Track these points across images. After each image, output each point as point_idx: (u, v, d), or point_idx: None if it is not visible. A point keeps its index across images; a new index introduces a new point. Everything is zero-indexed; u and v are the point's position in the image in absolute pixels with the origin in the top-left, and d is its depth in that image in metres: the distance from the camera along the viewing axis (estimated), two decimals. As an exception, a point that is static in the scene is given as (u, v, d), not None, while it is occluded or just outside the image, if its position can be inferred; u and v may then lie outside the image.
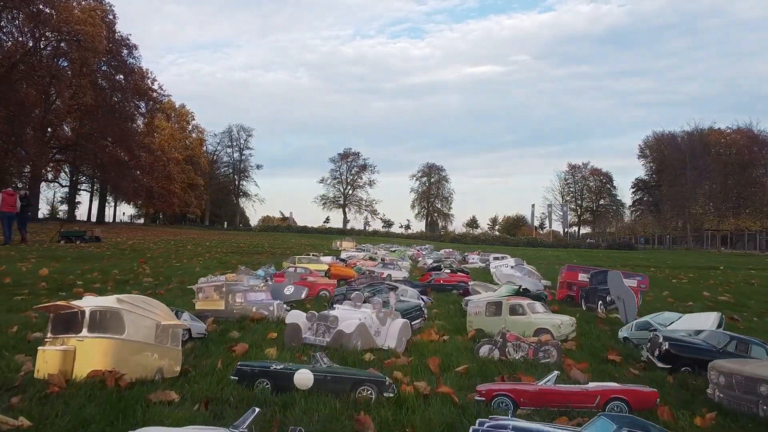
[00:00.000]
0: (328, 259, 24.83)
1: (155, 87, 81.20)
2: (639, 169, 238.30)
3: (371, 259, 26.12)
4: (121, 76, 70.02)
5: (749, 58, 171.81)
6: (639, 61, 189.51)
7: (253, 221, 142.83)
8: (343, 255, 31.50)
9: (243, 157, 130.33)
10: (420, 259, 38.74)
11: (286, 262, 21.97)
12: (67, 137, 71.24)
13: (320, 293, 12.51)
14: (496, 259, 32.37)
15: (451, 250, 45.53)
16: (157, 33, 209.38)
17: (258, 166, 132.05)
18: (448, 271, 19.89)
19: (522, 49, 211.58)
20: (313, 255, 25.30)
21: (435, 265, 26.96)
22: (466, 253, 42.46)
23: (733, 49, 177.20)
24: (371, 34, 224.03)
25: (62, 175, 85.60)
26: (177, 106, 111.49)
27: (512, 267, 18.98)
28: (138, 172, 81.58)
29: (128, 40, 68.75)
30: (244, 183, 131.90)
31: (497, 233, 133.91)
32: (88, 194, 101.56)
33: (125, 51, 68.46)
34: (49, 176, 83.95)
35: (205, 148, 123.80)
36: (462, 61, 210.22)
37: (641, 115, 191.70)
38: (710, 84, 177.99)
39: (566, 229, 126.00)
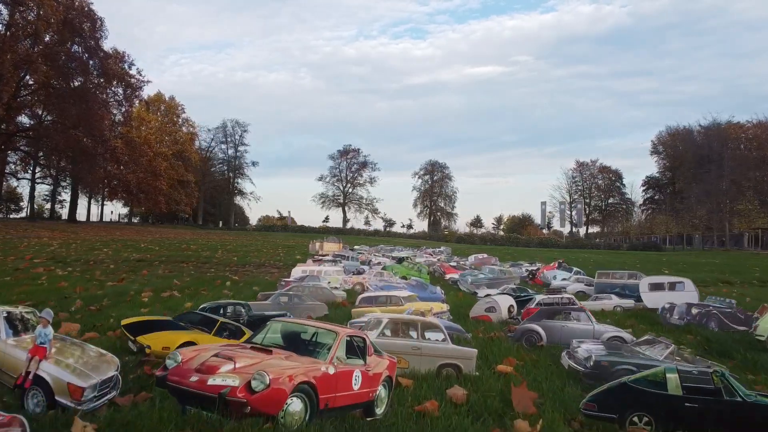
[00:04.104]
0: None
1: (133, 72, 69.96)
2: (643, 169, 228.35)
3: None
4: (87, 54, 58.20)
5: (749, 58, 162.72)
6: (640, 62, 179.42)
7: (253, 220, 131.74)
8: (297, 272, 20.63)
9: (238, 154, 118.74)
10: (454, 277, 24.77)
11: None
12: (18, 123, 59.61)
13: None
14: (660, 288, 19.37)
15: (485, 255, 32.49)
16: (160, 34, 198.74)
17: (253, 163, 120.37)
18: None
19: (523, 49, 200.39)
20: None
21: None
22: (534, 266, 28.63)
23: (734, 49, 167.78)
24: (373, 34, 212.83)
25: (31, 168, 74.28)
26: (167, 98, 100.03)
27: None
28: (113, 165, 70.34)
29: (92, 11, 56.77)
30: (239, 181, 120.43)
31: (502, 233, 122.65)
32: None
33: (88, 24, 56.27)
34: (17, 169, 72.65)
35: (198, 144, 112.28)
36: (463, 62, 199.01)
37: (642, 116, 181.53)
38: (711, 84, 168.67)
39: (578, 228, 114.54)
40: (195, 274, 26.14)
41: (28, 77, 57.06)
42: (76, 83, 61.05)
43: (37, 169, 69.10)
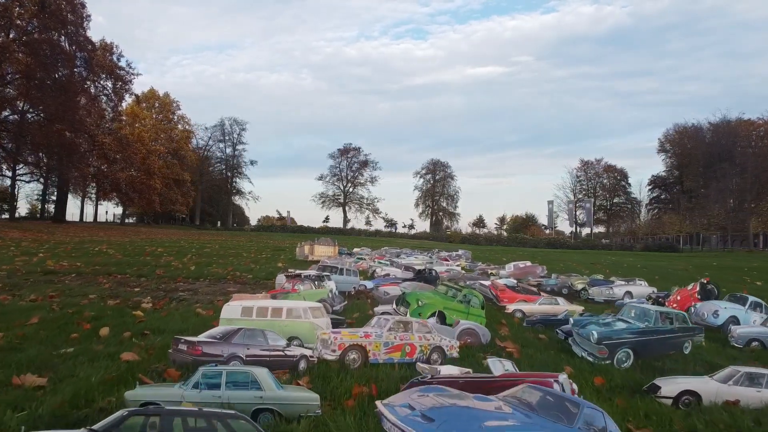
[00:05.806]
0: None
1: (122, 64, 65.57)
2: (644, 168, 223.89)
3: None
4: (70, 43, 53.58)
5: (750, 58, 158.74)
6: (641, 62, 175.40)
7: (253, 221, 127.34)
8: (230, 313, 12.27)
9: (236, 153, 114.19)
10: (522, 310, 15.34)
11: None
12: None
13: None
14: None
15: (528, 263, 26.21)
16: (162, 35, 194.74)
17: (252, 162, 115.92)
18: None
19: (524, 49, 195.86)
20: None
21: None
22: (641, 284, 17.26)
23: (734, 50, 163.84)
24: (375, 35, 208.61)
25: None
26: (161, 95, 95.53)
27: None
28: (101, 162, 65.77)
29: (72, -5, 52.25)
30: (238, 180, 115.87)
31: (505, 233, 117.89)
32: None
33: (69, 10, 51.67)
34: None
35: (195, 143, 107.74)
36: (465, 62, 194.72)
37: (643, 116, 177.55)
38: (712, 84, 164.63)
39: (582, 228, 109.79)
40: (92, 300, 17.44)
41: (6, 68, 52.57)
42: (60, 75, 56.56)
43: (23, 167, 64.58)
